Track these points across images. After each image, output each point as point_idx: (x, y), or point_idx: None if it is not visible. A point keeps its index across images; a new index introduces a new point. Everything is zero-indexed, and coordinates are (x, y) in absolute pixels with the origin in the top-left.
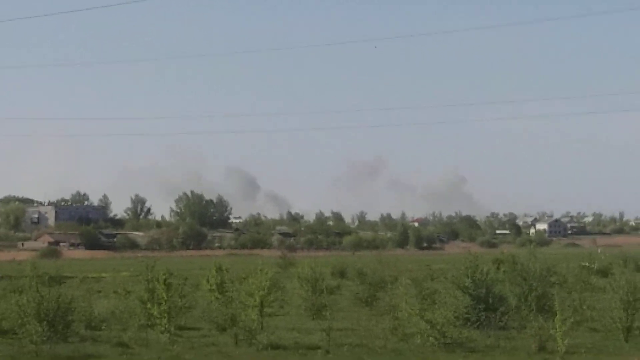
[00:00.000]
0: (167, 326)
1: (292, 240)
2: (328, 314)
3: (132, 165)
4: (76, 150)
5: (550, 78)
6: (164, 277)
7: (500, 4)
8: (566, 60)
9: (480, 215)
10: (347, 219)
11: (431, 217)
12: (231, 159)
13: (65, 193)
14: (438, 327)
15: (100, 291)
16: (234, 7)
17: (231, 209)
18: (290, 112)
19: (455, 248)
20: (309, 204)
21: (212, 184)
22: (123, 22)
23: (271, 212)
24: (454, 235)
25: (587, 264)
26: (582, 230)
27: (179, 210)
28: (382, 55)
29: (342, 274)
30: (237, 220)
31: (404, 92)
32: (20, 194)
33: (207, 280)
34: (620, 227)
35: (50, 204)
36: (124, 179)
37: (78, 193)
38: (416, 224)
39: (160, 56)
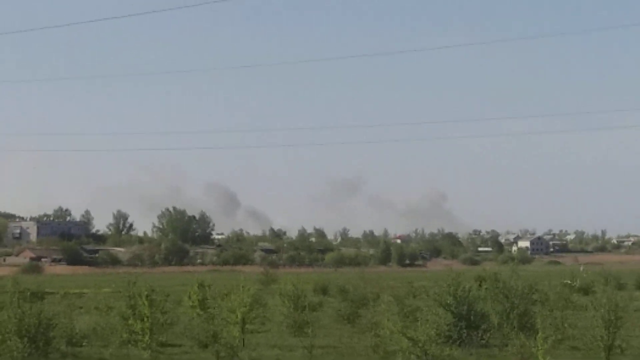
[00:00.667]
0: (148, 342)
1: (274, 256)
2: (310, 331)
3: (111, 181)
4: (55, 165)
5: (531, 96)
6: (146, 293)
7: (479, 22)
8: (547, 78)
9: (462, 233)
10: (330, 235)
11: (413, 234)
12: (211, 175)
13: (47, 208)
14: (420, 345)
15: (81, 307)
16: (214, 24)
17: (213, 225)
18: (270, 129)
19: (437, 265)
20: (290, 221)
21: (192, 200)
22: (101, 38)
23: (252, 228)
24: (437, 252)
25: (569, 281)
26: (564, 248)
27: (161, 226)
28: (362, 72)
29: (324, 291)
30: (220, 237)
31: (384, 110)
32: (1, 208)
33: (189, 297)
34: (602, 245)
35: (32, 219)
36: (103, 195)
37: (60, 208)
38: (398, 241)
39: (139, 72)
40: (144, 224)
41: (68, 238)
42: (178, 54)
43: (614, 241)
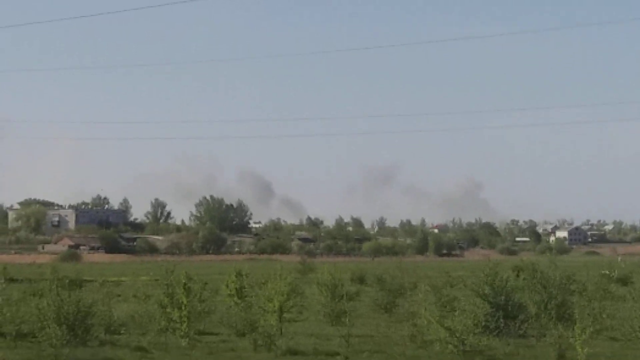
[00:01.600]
0: (186, 331)
1: (311, 245)
2: (347, 320)
3: (146, 169)
4: (93, 154)
5: (569, 85)
6: (183, 281)
7: (517, 10)
8: (586, 67)
9: (499, 222)
10: (367, 224)
11: (451, 224)
12: (245, 164)
13: (85, 196)
14: (457, 335)
15: (119, 295)
16: (249, 12)
17: (251, 214)
18: (305, 118)
19: (474, 255)
20: (324, 210)
21: (227, 188)
22: (139, 26)
23: (286, 217)
24: (474, 242)
25: (607, 272)
26: (602, 238)
27: (198, 215)
28: (399, 61)
29: (361, 280)
30: (257, 225)
31: (420, 99)
32: (40, 196)
33: (227, 285)
34: None
35: (70, 207)
36: (138, 183)
37: (98, 196)
38: (436, 231)
39: (175, 61)
40: (181, 212)
41: (106, 226)
42: (214, 43)
43: None
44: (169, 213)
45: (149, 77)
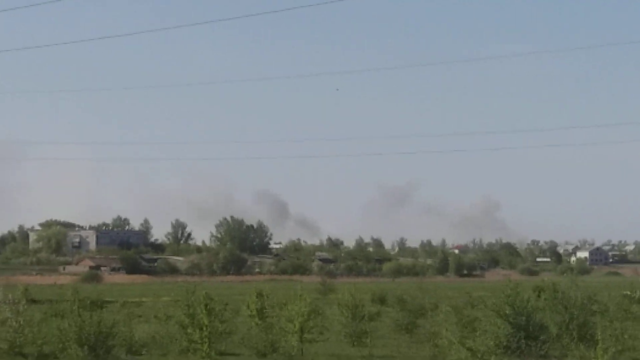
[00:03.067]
0: (207, 351)
1: (332, 266)
2: (368, 340)
3: (162, 190)
4: (110, 175)
5: (590, 105)
6: (204, 302)
7: (536, 30)
8: (607, 87)
9: (519, 243)
10: (387, 245)
11: (471, 244)
12: (261, 184)
13: (105, 217)
14: (479, 355)
15: (140, 316)
16: (262, 32)
17: (271, 234)
18: (321, 138)
19: (495, 275)
20: (340, 230)
21: (243, 209)
22: (156, 47)
23: (301, 237)
24: (495, 262)
25: (628, 292)
26: (623, 259)
27: (219, 235)
28: (415, 81)
29: (382, 301)
30: (277, 246)
31: (438, 119)
32: (61, 218)
33: (248, 306)
34: None
35: (91, 228)
36: (155, 204)
37: (119, 217)
38: (456, 251)
39: (191, 82)
40: (201, 233)
41: (127, 247)
42: (230, 64)
43: None
44: (189, 234)
45: (164, 98)
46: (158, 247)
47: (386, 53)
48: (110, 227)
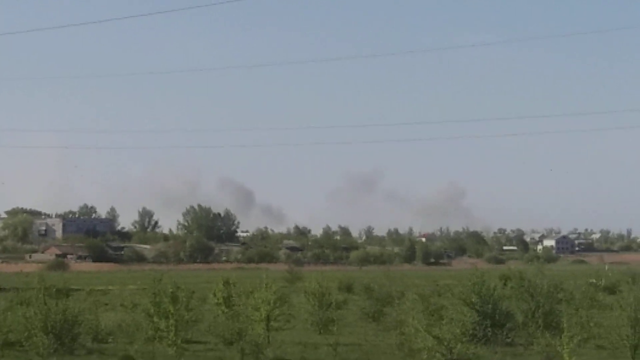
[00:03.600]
0: (173, 339)
1: (299, 254)
2: (335, 328)
3: (127, 178)
4: (76, 163)
5: (558, 93)
6: (170, 290)
7: (500, 19)
8: (572, 76)
9: (486, 231)
10: (354, 233)
11: (438, 233)
12: (226, 172)
13: (71, 205)
14: (445, 343)
15: (107, 304)
16: (228, 22)
17: (238, 222)
18: (287, 127)
19: (462, 264)
20: (305, 218)
21: (208, 197)
22: (123, 36)
23: (266, 224)
24: (461, 251)
25: (594, 280)
26: (589, 247)
27: (186, 224)
28: (379, 70)
29: (349, 289)
30: (244, 234)
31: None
32: (27, 205)
33: (214, 294)
34: (628, 245)
35: (57, 216)
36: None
37: (85, 205)
38: (423, 239)
39: (155, 70)
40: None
41: (93, 235)
42: (194, 53)
43: None
44: (156, 222)
45: (129, 86)
46: (125, 235)
47: (352, 42)
48: (77, 215)
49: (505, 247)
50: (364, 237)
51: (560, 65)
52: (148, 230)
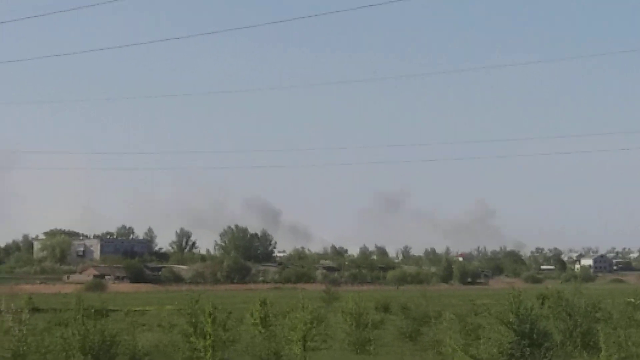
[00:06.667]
0: None
1: (336, 274)
2: (372, 348)
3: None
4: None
5: (593, 113)
6: (208, 310)
7: (532, 39)
8: (604, 94)
9: (524, 251)
10: (391, 253)
11: (475, 252)
12: (254, 193)
13: (109, 226)
14: None
15: (144, 324)
16: (251, 44)
17: (275, 242)
18: (314, 147)
19: (499, 283)
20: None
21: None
22: (147, 59)
23: (292, 244)
24: (498, 270)
25: (632, 300)
26: (627, 266)
27: (223, 244)
28: (406, 90)
29: (386, 309)
30: (281, 254)
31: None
32: (65, 227)
33: (251, 314)
34: None
35: (95, 237)
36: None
37: (123, 226)
38: (460, 259)
39: (182, 92)
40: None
41: (131, 256)
42: (221, 75)
43: None
44: (194, 242)
45: (156, 109)
46: (162, 256)
47: (381, 62)
48: (115, 236)
49: (542, 267)
50: (400, 257)
51: (589, 84)
52: (185, 250)
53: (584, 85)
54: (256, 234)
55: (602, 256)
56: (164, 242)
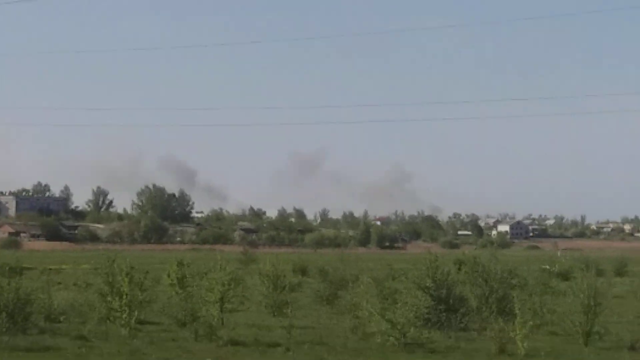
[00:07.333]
0: (127, 320)
1: (254, 236)
2: (289, 311)
3: (68, 155)
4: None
5: (513, 78)
6: (125, 270)
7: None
8: (527, 58)
9: (442, 216)
10: (310, 216)
11: (393, 216)
12: (170, 153)
13: (24, 183)
14: (399, 327)
15: (60, 283)
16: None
17: (193, 203)
18: (231, 107)
19: (417, 248)
20: (247, 198)
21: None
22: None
23: (208, 204)
24: (416, 235)
25: (547, 266)
26: (543, 233)
27: (140, 203)
28: (326, 51)
29: (303, 272)
30: (199, 215)
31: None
32: None
33: (168, 275)
34: (581, 231)
35: (10, 194)
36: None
37: (39, 184)
38: (378, 223)
39: (105, 48)
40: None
41: (47, 214)
42: (140, 31)
43: (593, 227)
44: (110, 201)
45: (74, 65)
46: (78, 215)
47: (299, 23)
48: (31, 194)
49: (459, 232)
50: (319, 220)
51: (516, 47)
52: (102, 209)
53: (499, 48)
54: (174, 194)
55: (518, 222)
56: (80, 200)
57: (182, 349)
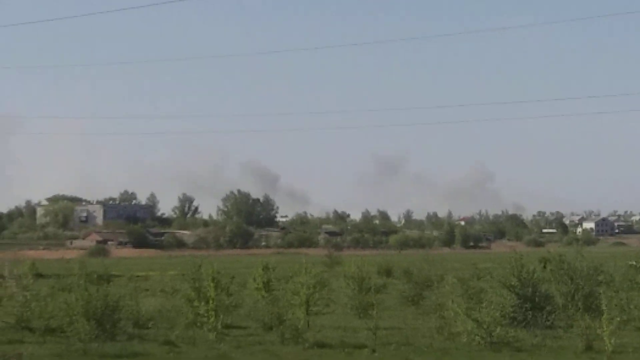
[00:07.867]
0: (214, 324)
1: (338, 239)
2: (374, 312)
3: (153, 163)
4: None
5: (597, 75)
6: (211, 275)
7: (539, 2)
8: (612, 57)
9: (525, 214)
10: (393, 217)
11: (477, 216)
12: (252, 158)
13: (111, 192)
14: (485, 326)
15: (147, 290)
16: (252, 9)
17: (278, 207)
18: (313, 111)
19: (501, 247)
20: (330, 201)
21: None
22: (145, 22)
23: (290, 208)
24: (500, 234)
25: (634, 262)
26: (629, 229)
27: (225, 209)
28: (408, 53)
29: (388, 273)
30: (284, 219)
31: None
32: (68, 192)
33: (254, 279)
34: None
35: (98, 202)
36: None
37: (126, 192)
38: (462, 223)
39: (180, 57)
40: (207, 207)
41: (134, 221)
42: (219, 38)
43: None
44: (196, 208)
45: (154, 73)
46: (165, 221)
47: (381, 25)
48: (117, 202)
49: (544, 230)
50: (402, 221)
51: (589, 45)
52: (188, 216)
53: (584, 48)
54: (258, 199)
55: (603, 219)
56: (166, 207)
57: (269, 352)
